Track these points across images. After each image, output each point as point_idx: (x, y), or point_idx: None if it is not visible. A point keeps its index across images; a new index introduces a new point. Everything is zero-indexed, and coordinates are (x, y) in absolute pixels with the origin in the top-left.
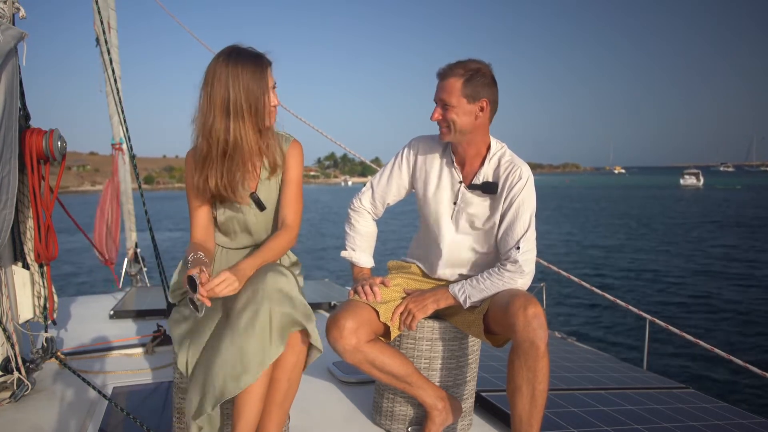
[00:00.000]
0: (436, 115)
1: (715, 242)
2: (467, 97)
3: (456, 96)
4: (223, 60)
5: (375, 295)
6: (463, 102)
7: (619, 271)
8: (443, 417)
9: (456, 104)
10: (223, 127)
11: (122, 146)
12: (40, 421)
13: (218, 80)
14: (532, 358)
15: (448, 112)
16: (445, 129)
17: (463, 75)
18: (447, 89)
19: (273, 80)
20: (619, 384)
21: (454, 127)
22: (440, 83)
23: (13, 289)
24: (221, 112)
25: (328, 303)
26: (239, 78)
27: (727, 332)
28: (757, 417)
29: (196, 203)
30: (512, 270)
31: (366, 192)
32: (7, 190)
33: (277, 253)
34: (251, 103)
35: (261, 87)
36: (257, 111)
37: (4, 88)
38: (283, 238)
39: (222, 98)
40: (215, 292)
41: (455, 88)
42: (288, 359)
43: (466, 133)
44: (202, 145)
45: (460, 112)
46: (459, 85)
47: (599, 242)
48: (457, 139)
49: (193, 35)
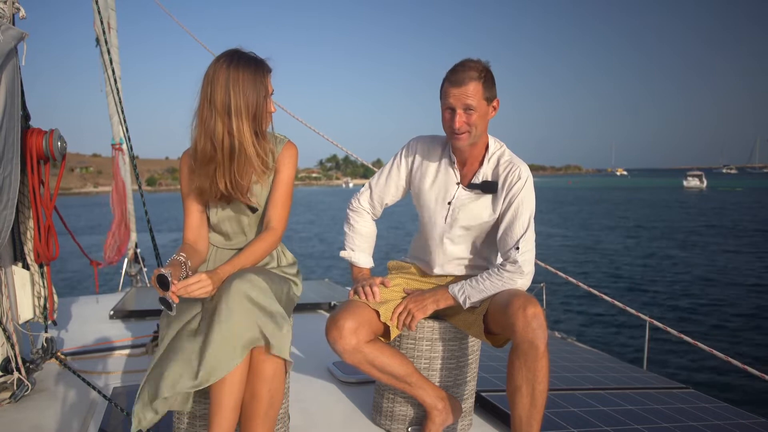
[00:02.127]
0: (460, 121)
1: (718, 245)
2: (487, 100)
3: (479, 99)
4: (224, 63)
5: (374, 295)
6: (483, 104)
7: (622, 272)
8: (443, 417)
9: (478, 107)
10: (227, 130)
11: (122, 146)
12: (40, 421)
13: (218, 83)
14: (532, 358)
15: (471, 116)
16: (466, 135)
17: (480, 78)
18: (470, 94)
19: (272, 87)
20: (619, 384)
21: (476, 131)
22: (459, 89)
23: (13, 289)
24: (222, 114)
25: (328, 303)
26: (239, 82)
27: (727, 332)
28: (757, 417)
29: (190, 204)
30: (512, 270)
31: (365, 192)
32: (8, 190)
33: (258, 257)
34: (250, 110)
35: (260, 93)
36: (255, 116)
37: (4, 89)
38: (266, 240)
39: (222, 101)
40: (187, 291)
41: (478, 91)
42: (265, 370)
43: (481, 134)
44: (206, 147)
45: (481, 114)
46: (480, 88)
47: (604, 243)
48: (473, 142)
49: (193, 36)
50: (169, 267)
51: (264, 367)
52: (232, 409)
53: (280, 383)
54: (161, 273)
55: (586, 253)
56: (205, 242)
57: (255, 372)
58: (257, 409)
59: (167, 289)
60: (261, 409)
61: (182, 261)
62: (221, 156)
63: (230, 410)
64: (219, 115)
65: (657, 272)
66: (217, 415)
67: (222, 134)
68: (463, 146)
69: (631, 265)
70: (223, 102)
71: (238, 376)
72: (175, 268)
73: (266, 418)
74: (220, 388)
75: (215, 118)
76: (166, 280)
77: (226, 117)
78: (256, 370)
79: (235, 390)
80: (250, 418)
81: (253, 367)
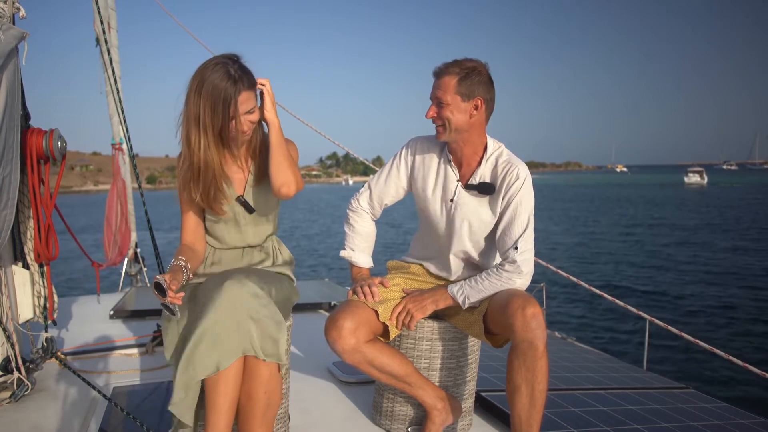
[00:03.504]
0: (431, 113)
1: (721, 242)
2: (461, 95)
3: (450, 94)
4: (199, 74)
5: (373, 295)
6: (458, 100)
7: (624, 271)
8: (443, 417)
9: (450, 102)
10: (198, 143)
11: (122, 146)
12: (40, 421)
13: (192, 95)
14: (531, 358)
15: (443, 110)
16: (440, 128)
17: (459, 73)
18: (442, 87)
19: (251, 104)
20: (619, 384)
21: (449, 125)
22: (436, 81)
23: (13, 289)
24: (195, 125)
25: (328, 303)
26: (209, 97)
27: (727, 332)
28: (757, 417)
29: (185, 207)
30: (510, 270)
31: (364, 192)
32: (8, 190)
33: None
34: (215, 126)
35: (224, 116)
36: (221, 134)
37: (5, 89)
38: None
39: (195, 114)
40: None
41: (450, 85)
42: (260, 372)
43: (461, 131)
44: (186, 154)
45: (455, 110)
46: (453, 82)
47: (606, 242)
48: (453, 138)
49: (193, 35)
50: (169, 272)
51: (259, 369)
52: (226, 410)
53: (277, 384)
54: (157, 281)
55: (587, 251)
56: (202, 243)
57: (250, 374)
58: (254, 410)
59: (165, 296)
60: (258, 410)
61: (182, 265)
62: (195, 168)
63: (225, 411)
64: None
65: (659, 271)
66: (213, 415)
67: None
68: (445, 141)
69: (634, 265)
70: (195, 113)
71: (231, 378)
72: (176, 273)
73: (264, 419)
74: (214, 388)
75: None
76: (162, 287)
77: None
78: (251, 372)
79: (229, 391)
80: (248, 419)
81: (248, 369)
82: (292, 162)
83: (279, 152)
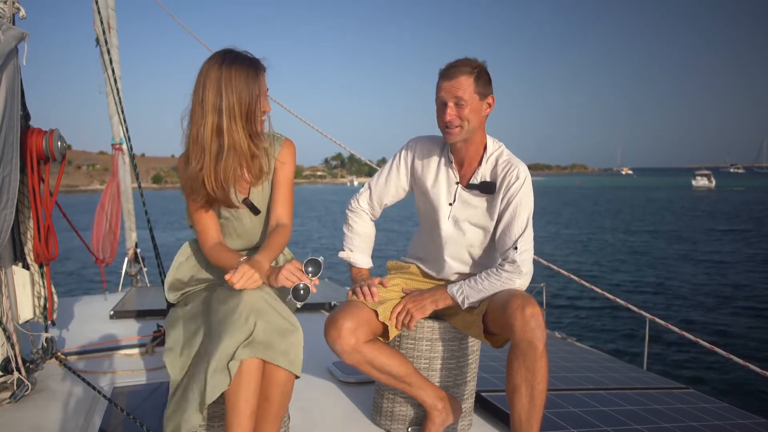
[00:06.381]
0: (451, 114)
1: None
2: (479, 94)
3: (470, 93)
4: (216, 63)
5: (373, 295)
6: (476, 99)
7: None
8: (443, 417)
9: (470, 101)
10: (216, 130)
11: (122, 146)
12: (40, 421)
13: (210, 84)
14: (531, 358)
15: (463, 110)
16: (457, 128)
17: (472, 72)
18: (461, 87)
19: (266, 86)
20: (619, 384)
21: (468, 125)
22: (449, 82)
23: (13, 289)
24: (213, 115)
25: (328, 303)
26: (231, 81)
27: (728, 332)
28: (757, 417)
29: (198, 208)
30: (510, 270)
31: (364, 193)
32: (8, 190)
33: (280, 250)
34: (243, 108)
35: (253, 93)
36: (248, 116)
37: (5, 89)
38: (283, 236)
39: (213, 102)
40: (243, 285)
41: (468, 84)
42: (279, 376)
43: (474, 131)
44: (195, 148)
45: (473, 109)
46: (471, 81)
47: (611, 244)
48: (465, 138)
49: (193, 35)
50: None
51: (277, 373)
52: (248, 416)
53: (291, 386)
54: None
55: (589, 252)
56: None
57: (268, 378)
58: (269, 410)
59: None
60: (272, 410)
61: (249, 258)
62: (208, 157)
63: (247, 417)
64: (209, 115)
65: (666, 277)
66: (234, 422)
67: (210, 135)
68: (457, 142)
69: (639, 266)
70: (214, 102)
71: (253, 384)
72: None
73: (276, 418)
74: (236, 395)
75: (205, 120)
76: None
77: (217, 116)
78: (269, 376)
79: (251, 398)
80: (263, 418)
81: (267, 374)
82: (282, 248)
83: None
